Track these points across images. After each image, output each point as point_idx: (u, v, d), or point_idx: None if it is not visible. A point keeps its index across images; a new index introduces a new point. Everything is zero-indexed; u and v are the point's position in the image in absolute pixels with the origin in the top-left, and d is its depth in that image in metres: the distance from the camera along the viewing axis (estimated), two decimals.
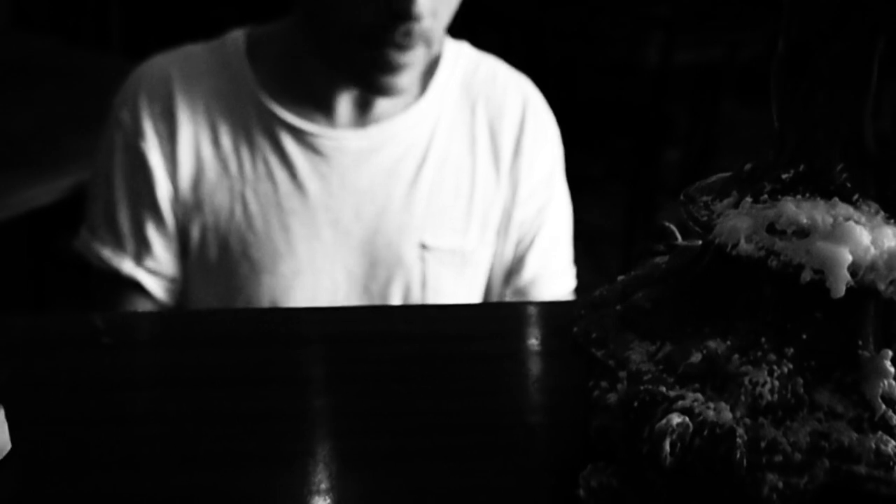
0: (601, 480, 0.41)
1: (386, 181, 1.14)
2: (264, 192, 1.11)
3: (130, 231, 1.11)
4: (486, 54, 1.23)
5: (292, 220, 1.12)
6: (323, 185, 1.12)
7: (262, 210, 1.11)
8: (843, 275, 0.37)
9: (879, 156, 0.40)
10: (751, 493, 0.37)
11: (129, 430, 0.46)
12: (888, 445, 0.38)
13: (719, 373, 0.40)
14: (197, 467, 0.43)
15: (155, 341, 0.54)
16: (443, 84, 1.17)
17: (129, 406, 0.48)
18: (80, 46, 2.24)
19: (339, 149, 1.12)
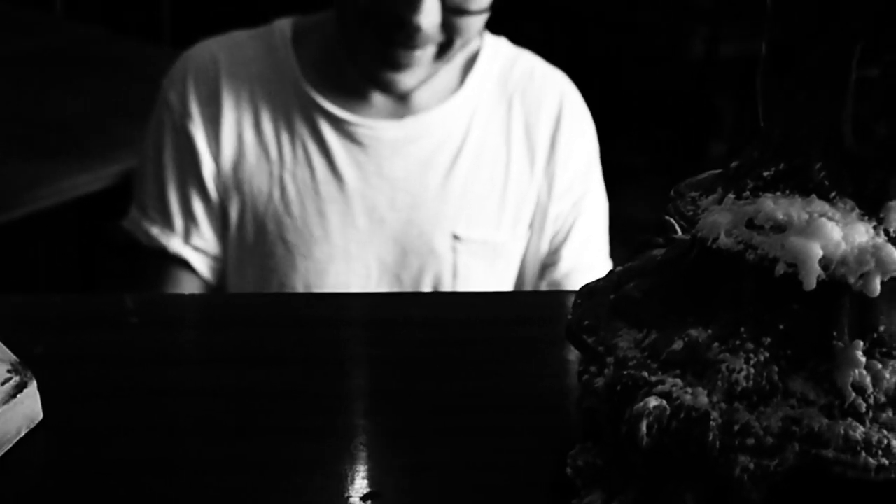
0: (587, 459, 0.43)
1: (421, 172, 1.17)
2: (302, 178, 1.14)
3: (179, 209, 1.15)
4: (524, 50, 1.25)
5: (328, 207, 1.15)
6: (359, 173, 1.15)
7: (300, 195, 1.14)
8: (814, 268, 0.39)
9: (857, 155, 0.41)
10: (723, 474, 0.39)
11: (154, 401, 0.49)
12: (856, 431, 0.39)
13: (699, 360, 0.42)
14: (227, 438, 0.46)
15: (183, 321, 0.57)
16: (480, 78, 1.19)
17: (156, 380, 0.51)
18: (130, 37, 2.29)
19: (377, 138, 1.15)
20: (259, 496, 0.43)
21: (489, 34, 1.22)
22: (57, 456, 0.45)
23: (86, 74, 2.12)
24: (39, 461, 0.45)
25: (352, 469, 0.45)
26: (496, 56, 1.21)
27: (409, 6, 1.01)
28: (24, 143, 1.88)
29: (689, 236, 0.45)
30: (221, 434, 0.47)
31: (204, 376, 0.51)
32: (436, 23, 1.04)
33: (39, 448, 0.45)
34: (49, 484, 0.44)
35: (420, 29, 1.02)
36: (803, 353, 0.41)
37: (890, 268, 0.39)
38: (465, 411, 0.50)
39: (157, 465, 0.45)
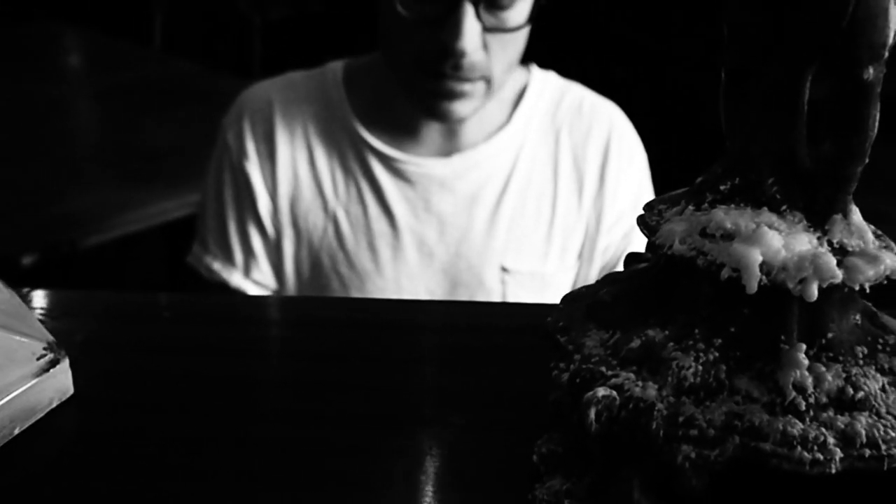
0: (550, 448, 0.47)
1: (468, 207, 1.21)
2: (354, 214, 1.19)
3: (238, 244, 1.21)
4: (573, 83, 1.29)
5: (380, 242, 1.20)
6: (409, 209, 1.19)
7: (353, 230, 1.19)
8: (754, 273, 0.42)
9: (808, 172, 0.44)
10: (666, 461, 0.42)
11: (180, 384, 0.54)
12: (794, 428, 0.42)
13: (654, 357, 0.45)
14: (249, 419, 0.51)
15: (214, 317, 0.63)
16: (527, 113, 1.23)
17: (183, 367, 0.56)
18: (222, 71, 2.40)
19: (425, 175, 1.19)
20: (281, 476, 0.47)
21: (537, 68, 1.26)
22: (84, 426, 0.51)
23: (179, 106, 2.23)
24: (68, 430, 0.50)
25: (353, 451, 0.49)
26: (544, 90, 1.25)
27: (452, 33, 1.05)
28: (116, 170, 1.99)
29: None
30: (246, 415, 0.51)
31: (233, 365, 0.56)
32: (478, 46, 1.08)
33: (68, 419, 0.51)
34: (76, 450, 0.49)
35: (465, 54, 1.06)
36: (752, 355, 0.44)
37: (827, 275, 0.42)
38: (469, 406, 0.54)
39: (179, 442, 0.49)
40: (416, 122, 1.19)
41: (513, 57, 1.13)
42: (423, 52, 1.09)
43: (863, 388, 0.43)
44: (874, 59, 0.42)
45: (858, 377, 0.44)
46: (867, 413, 0.43)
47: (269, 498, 0.46)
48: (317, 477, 0.47)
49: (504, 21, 1.09)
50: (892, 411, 0.44)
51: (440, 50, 1.07)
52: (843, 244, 0.44)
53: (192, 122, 2.12)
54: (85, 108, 2.35)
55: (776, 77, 0.44)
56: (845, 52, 0.42)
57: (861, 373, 0.44)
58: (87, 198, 1.86)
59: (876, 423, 0.43)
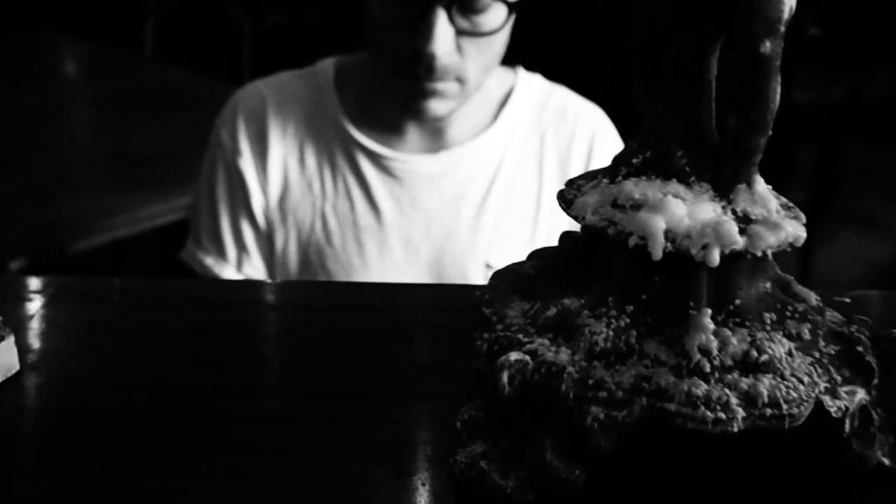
0: (471, 414, 0.48)
1: (454, 204, 1.23)
2: (342, 210, 1.21)
3: (231, 240, 1.23)
4: (559, 86, 1.30)
5: (366, 237, 1.21)
6: (395, 205, 1.21)
7: (340, 226, 1.21)
8: (659, 240, 0.44)
9: (715, 145, 0.46)
10: (576, 423, 0.44)
11: (128, 361, 0.56)
12: (699, 388, 0.44)
13: (569, 325, 0.47)
14: (194, 393, 0.53)
15: (161, 300, 0.64)
16: (513, 114, 1.25)
17: (132, 346, 0.58)
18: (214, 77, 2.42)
19: (412, 172, 1.21)
20: (218, 445, 0.49)
21: (524, 71, 1.28)
22: (29, 402, 0.53)
23: (170, 112, 2.25)
24: (13, 405, 0.52)
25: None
26: (530, 92, 1.27)
27: (424, 37, 1.07)
28: (107, 175, 2.01)
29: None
30: (181, 390, 0.53)
31: (173, 343, 0.58)
32: (450, 50, 1.09)
33: (14, 395, 0.52)
34: (22, 424, 0.51)
35: (435, 57, 1.08)
36: (661, 320, 0.46)
37: (728, 241, 0.44)
38: (400, 377, 0.55)
39: (125, 415, 0.51)
40: (403, 119, 1.21)
41: (489, 59, 1.15)
42: (399, 54, 1.11)
43: (767, 352, 0.45)
44: (771, 34, 0.44)
45: (763, 341, 0.45)
46: (771, 375, 0.45)
47: (210, 466, 0.47)
48: (262, 447, 0.49)
49: (478, 25, 1.11)
50: (796, 374, 0.45)
51: (414, 52, 1.09)
52: (747, 213, 0.46)
53: (184, 127, 2.14)
54: (77, 114, 2.37)
55: (682, 55, 0.46)
56: (744, 28, 0.44)
57: (767, 337, 0.46)
58: (77, 202, 1.88)
59: (778, 385, 0.44)
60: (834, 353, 0.48)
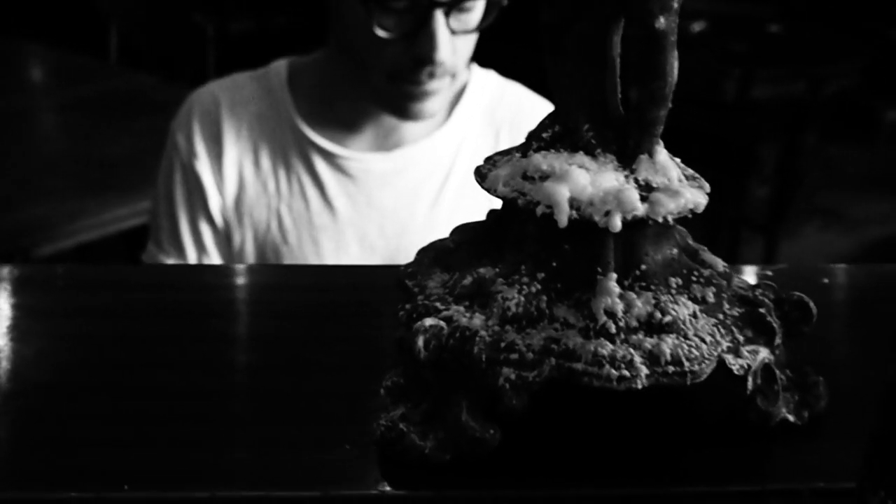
0: (394, 380, 0.50)
1: (409, 201, 1.24)
2: (297, 210, 1.23)
3: (191, 240, 1.24)
4: (513, 82, 1.32)
5: (321, 236, 1.23)
6: (350, 203, 1.23)
7: (295, 225, 1.23)
8: (564, 208, 0.46)
9: (620, 118, 0.48)
10: (489, 384, 0.46)
11: (66, 342, 0.58)
12: (605, 349, 0.46)
13: (484, 292, 0.49)
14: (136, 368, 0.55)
15: (101, 285, 0.66)
16: (467, 111, 1.27)
17: (71, 328, 0.59)
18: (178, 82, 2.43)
19: (366, 171, 1.23)
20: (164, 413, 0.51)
21: (477, 67, 1.30)
22: None
23: (135, 117, 2.26)
24: None
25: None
26: (484, 88, 1.29)
27: (429, 46, 1.09)
28: (71, 180, 2.02)
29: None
30: (125, 369, 0.55)
31: (116, 326, 0.60)
32: (451, 52, 1.12)
33: None
34: None
35: (442, 63, 1.10)
36: (571, 286, 0.48)
37: (628, 207, 0.46)
38: (330, 350, 0.57)
39: (55, 390, 0.53)
40: (357, 119, 1.22)
41: (470, 49, 1.18)
42: (398, 64, 1.12)
43: (671, 313, 0.47)
44: (665, 10, 0.46)
45: (668, 304, 0.48)
46: (674, 335, 0.47)
47: (153, 436, 0.49)
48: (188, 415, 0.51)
49: (467, 23, 1.13)
50: (699, 334, 0.48)
51: (416, 60, 1.11)
52: (649, 181, 0.48)
53: (148, 132, 2.14)
54: (41, 120, 2.38)
55: (586, 31, 0.48)
56: (640, 5, 0.46)
57: (671, 300, 0.48)
58: (41, 207, 1.88)
59: (681, 344, 0.47)
60: (738, 315, 0.50)
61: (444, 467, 0.47)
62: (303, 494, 0.45)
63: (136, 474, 0.46)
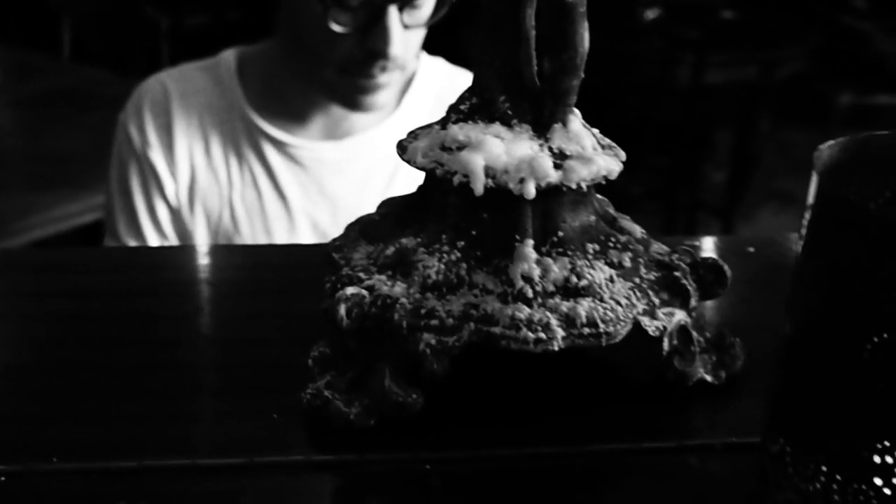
0: (321, 351, 0.51)
1: (361, 189, 1.25)
2: (249, 199, 1.23)
3: (151, 227, 1.24)
4: (462, 69, 1.33)
5: (274, 225, 1.23)
6: (302, 192, 1.23)
7: (248, 215, 1.23)
8: (479, 176, 0.47)
9: (534, 89, 0.50)
10: (410, 350, 0.47)
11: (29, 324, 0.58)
12: (522, 312, 0.47)
13: (406, 262, 0.50)
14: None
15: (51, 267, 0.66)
16: (417, 99, 1.27)
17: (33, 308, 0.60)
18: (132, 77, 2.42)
19: (317, 159, 1.24)
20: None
21: (426, 55, 1.31)
22: None
23: (88, 112, 2.24)
24: None
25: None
26: (434, 76, 1.30)
27: (382, 40, 1.10)
28: (22, 176, 2.00)
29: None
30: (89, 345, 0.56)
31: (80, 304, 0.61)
32: (404, 46, 1.13)
33: None
34: None
35: (395, 57, 1.11)
36: (490, 253, 0.49)
37: (541, 174, 0.48)
38: (259, 324, 0.58)
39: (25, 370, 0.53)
40: (307, 108, 1.23)
41: (420, 42, 1.19)
42: (351, 58, 1.13)
43: (587, 278, 0.49)
44: None
45: (584, 268, 0.49)
46: (590, 299, 0.48)
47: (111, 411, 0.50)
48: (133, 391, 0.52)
49: (419, 18, 1.14)
50: (615, 297, 0.49)
51: (368, 54, 1.12)
52: (563, 149, 0.49)
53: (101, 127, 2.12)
54: None
55: (500, 4, 0.49)
56: None
57: (588, 265, 0.49)
58: None
59: (597, 307, 0.48)
60: (654, 279, 0.51)
61: (369, 432, 0.48)
62: (228, 462, 0.46)
63: (64, 447, 0.46)
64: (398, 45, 1.11)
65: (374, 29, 1.10)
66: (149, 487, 0.45)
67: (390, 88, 1.18)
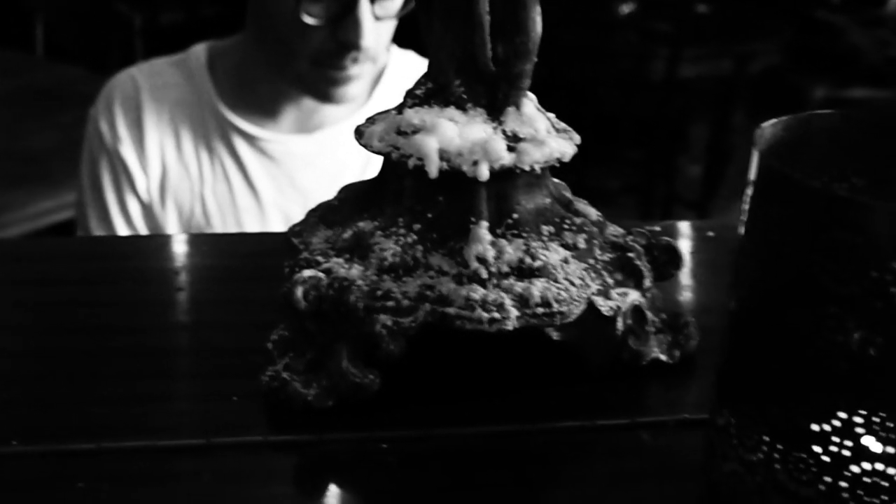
0: (280, 334, 0.52)
1: (331, 183, 1.25)
2: (221, 193, 1.23)
3: (122, 220, 1.24)
4: None
5: (246, 218, 1.24)
6: (273, 185, 1.24)
7: (220, 209, 1.23)
8: (433, 159, 0.48)
9: (489, 73, 0.50)
10: (367, 331, 0.48)
11: None
12: (476, 293, 0.48)
13: (363, 245, 0.51)
14: None
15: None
16: (387, 91, 1.28)
17: None
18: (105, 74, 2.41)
19: (288, 153, 1.24)
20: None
21: (397, 48, 1.32)
22: None
23: (61, 110, 2.23)
24: None
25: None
26: (404, 69, 1.30)
27: (354, 32, 1.10)
28: None
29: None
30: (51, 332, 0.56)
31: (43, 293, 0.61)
32: (376, 38, 1.13)
33: None
34: None
35: (367, 49, 1.12)
36: (445, 235, 0.50)
37: (495, 156, 0.48)
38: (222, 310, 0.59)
39: None
40: (278, 101, 1.23)
41: (391, 34, 1.19)
42: (323, 50, 1.13)
43: (541, 259, 0.49)
44: None
45: (538, 250, 0.50)
46: (545, 279, 0.49)
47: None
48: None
49: (390, 10, 1.14)
50: (569, 278, 0.50)
51: (340, 46, 1.12)
52: (516, 132, 0.50)
53: (75, 124, 2.12)
54: None
55: None
56: None
57: (542, 246, 0.50)
58: None
59: (550, 287, 0.49)
60: (608, 260, 0.52)
61: (327, 413, 0.48)
62: (186, 443, 0.46)
63: (24, 430, 0.47)
64: (370, 36, 1.11)
65: (345, 20, 1.11)
66: (107, 469, 0.45)
67: (362, 80, 1.19)
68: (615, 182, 3.15)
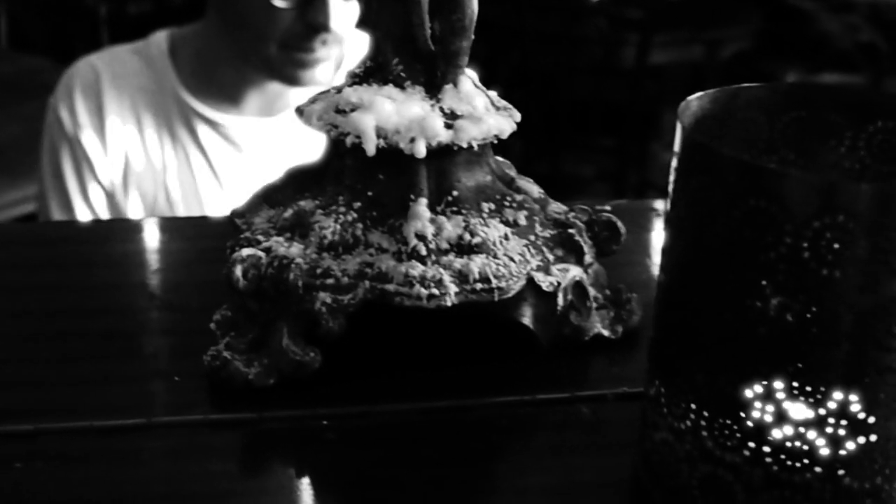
0: (223, 314, 0.52)
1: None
2: (184, 180, 1.23)
3: (86, 213, 1.24)
4: None
5: (210, 204, 1.23)
6: (236, 170, 1.24)
7: (184, 196, 1.23)
8: (370, 136, 0.48)
9: (427, 52, 0.50)
10: (307, 308, 0.48)
11: None
12: (415, 270, 0.48)
13: (304, 224, 0.51)
14: None
15: None
16: None
17: None
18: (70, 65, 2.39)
19: (251, 137, 1.23)
20: None
21: (358, 31, 1.32)
22: None
23: (26, 100, 2.21)
24: None
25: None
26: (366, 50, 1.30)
27: (323, 15, 1.10)
28: None
29: None
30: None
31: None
32: (343, 20, 1.13)
33: None
34: None
35: (334, 31, 1.12)
36: (386, 213, 0.50)
37: (431, 133, 0.48)
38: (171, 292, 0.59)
39: None
40: (241, 86, 1.23)
41: (357, 15, 1.19)
42: (291, 33, 1.13)
43: (480, 235, 0.50)
44: None
45: (477, 226, 0.50)
46: (484, 255, 0.49)
47: None
48: None
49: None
50: (508, 254, 0.50)
51: (309, 29, 1.12)
52: (454, 109, 0.50)
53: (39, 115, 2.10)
54: None
55: None
56: None
57: (482, 223, 0.50)
58: None
59: (490, 263, 0.49)
60: (549, 237, 0.52)
61: (268, 391, 0.48)
62: (126, 423, 0.46)
63: None
64: (338, 18, 1.11)
65: (314, 3, 1.11)
66: (46, 449, 0.45)
67: (328, 63, 1.19)
68: (589, 169, 3.16)
